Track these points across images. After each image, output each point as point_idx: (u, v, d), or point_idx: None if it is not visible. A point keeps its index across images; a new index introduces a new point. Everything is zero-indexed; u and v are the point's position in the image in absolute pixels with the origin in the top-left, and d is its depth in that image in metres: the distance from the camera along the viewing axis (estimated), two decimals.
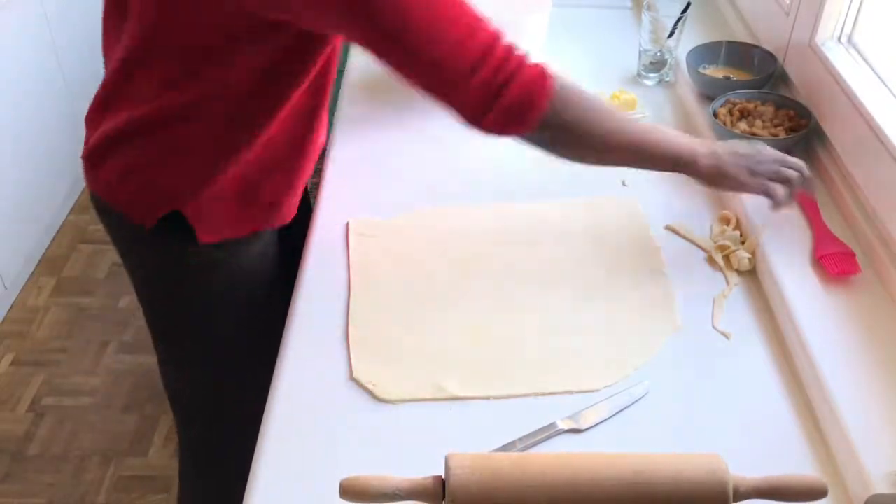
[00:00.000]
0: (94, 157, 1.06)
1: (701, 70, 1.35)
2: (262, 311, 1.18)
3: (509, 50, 0.88)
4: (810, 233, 1.07)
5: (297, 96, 1.01)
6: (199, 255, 1.09)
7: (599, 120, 0.96)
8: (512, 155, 1.27)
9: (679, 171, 1.02)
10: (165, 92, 0.97)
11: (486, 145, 1.07)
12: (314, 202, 1.21)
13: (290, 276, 1.11)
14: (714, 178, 1.02)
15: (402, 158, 1.29)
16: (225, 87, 0.96)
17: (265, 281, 1.18)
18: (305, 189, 1.23)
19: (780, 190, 1.01)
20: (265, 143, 1.03)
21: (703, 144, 1.02)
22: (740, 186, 1.03)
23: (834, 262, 1.01)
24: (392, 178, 1.25)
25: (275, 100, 0.99)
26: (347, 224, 1.15)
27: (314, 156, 1.14)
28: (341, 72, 1.35)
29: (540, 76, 0.89)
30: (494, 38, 0.87)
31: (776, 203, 1.02)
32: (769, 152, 1.04)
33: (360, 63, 1.51)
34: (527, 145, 0.96)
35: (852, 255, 1.02)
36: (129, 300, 2.37)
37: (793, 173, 1.02)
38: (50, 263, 2.50)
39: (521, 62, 0.88)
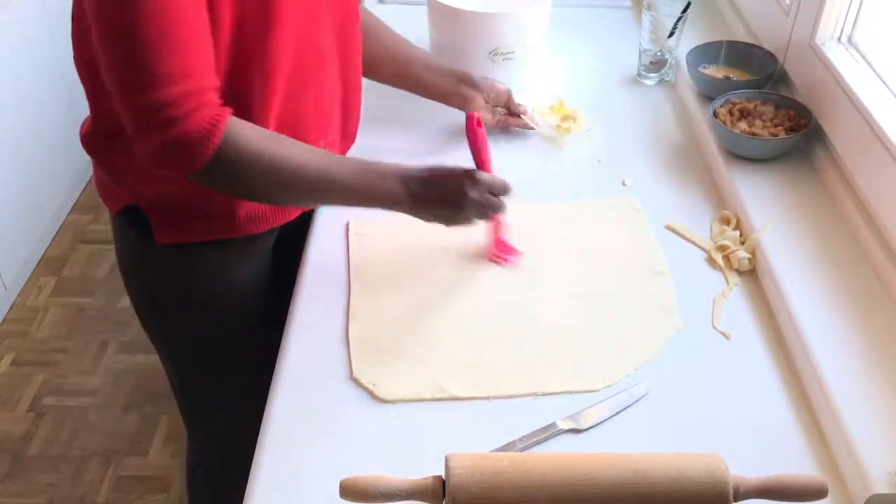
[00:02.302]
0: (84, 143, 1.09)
1: (701, 70, 1.35)
2: (238, 320, 1.15)
3: (190, 95, 0.85)
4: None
5: None
6: (158, 254, 1.08)
7: (277, 180, 0.93)
8: (512, 156, 1.27)
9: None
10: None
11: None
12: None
13: (283, 288, 1.09)
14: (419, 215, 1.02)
15: (401, 159, 1.29)
16: None
17: (236, 293, 1.14)
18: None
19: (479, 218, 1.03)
20: None
21: (401, 188, 1.00)
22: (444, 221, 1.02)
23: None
24: None
25: None
26: (347, 224, 1.15)
27: None
28: None
29: (207, 129, 0.86)
30: (181, 78, 0.84)
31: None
32: (468, 185, 1.01)
33: None
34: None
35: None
36: (129, 300, 2.37)
37: (493, 201, 1.02)
38: (50, 263, 2.50)
39: (195, 109, 0.85)
